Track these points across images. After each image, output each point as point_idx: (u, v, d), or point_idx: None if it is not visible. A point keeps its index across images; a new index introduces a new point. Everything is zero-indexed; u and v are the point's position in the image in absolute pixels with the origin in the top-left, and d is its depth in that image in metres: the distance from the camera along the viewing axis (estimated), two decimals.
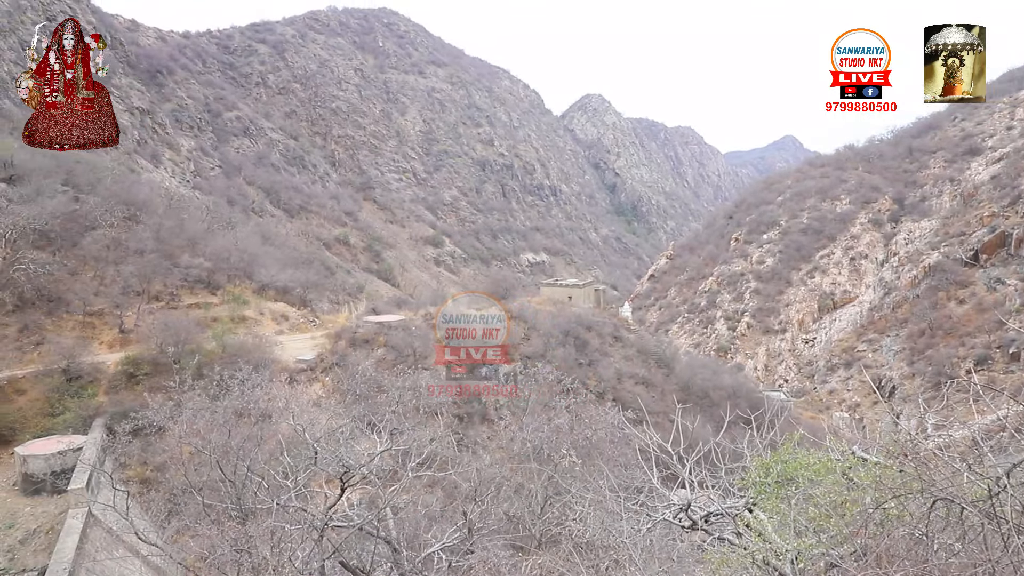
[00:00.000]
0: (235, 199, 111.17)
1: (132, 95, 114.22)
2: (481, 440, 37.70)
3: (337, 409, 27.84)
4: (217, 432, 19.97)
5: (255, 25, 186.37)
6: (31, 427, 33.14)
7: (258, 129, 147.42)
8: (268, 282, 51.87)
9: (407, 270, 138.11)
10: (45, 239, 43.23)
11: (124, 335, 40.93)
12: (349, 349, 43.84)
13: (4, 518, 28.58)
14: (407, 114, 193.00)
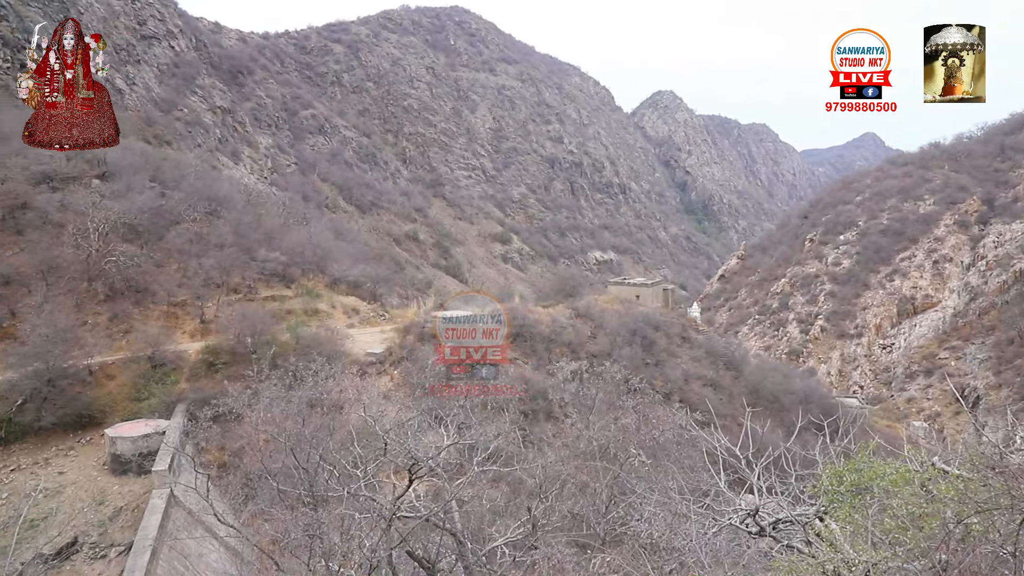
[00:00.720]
0: (310, 195, 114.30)
1: (214, 95, 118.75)
2: (546, 437, 37.80)
3: (406, 402, 28.39)
4: (291, 421, 20.68)
5: (331, 25, 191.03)
6: (119, 410, 34.93)
7: (332, 127, 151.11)
8: (340, 276, 53.17)
9: (475, 267, 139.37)
10: (134, 233, 45.41)
11: (204, 325, 42.65)
12: (417, 343, 44.55)
13: (95, 495, 30.27)
14: (477, 111, 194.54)
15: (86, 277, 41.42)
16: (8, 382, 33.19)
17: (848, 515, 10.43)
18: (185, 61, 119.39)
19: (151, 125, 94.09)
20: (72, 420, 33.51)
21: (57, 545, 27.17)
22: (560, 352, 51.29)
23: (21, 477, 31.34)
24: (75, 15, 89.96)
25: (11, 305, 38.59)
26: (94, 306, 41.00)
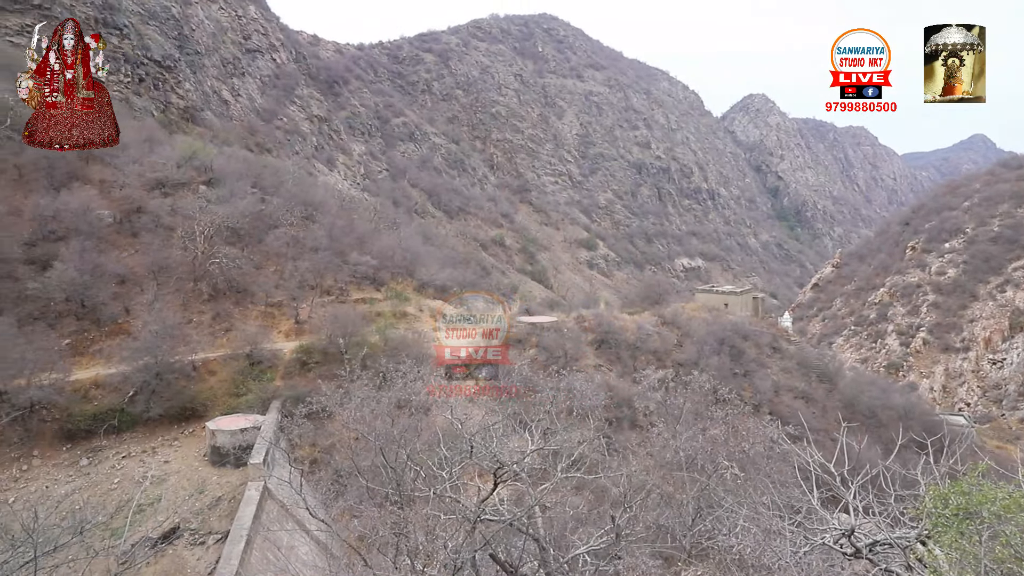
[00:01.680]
0: (400, 200, 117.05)
1: (312, 104, 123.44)
2: (630, 446, 37.36)
3: (492, 406, 28.64)
4: (381, 421, 21.19)
5: (422, 35, 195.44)
6: (219, 405, 36.69)
7: (422, 134, 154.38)
8: (428, 280, 54.19)
9: (560, 272, 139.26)
10: (236, 236, 47.67)
11: (299, 325, 44.28)
12: (502, 348, 44.92)
13: (196, 484, 31.85)
14: (564, 118, 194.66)
15: (192, 277, 43.77)
16: (121, 374, 35.40)
17: (954, 541, 9.85)
18: (285, 73, 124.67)
19: (253, 134, 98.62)
20: (177, 412, 35.42)
21: (162, 530, 28.72)
22: (645, 360, 50.65)
23: (131, 464, 33.32)
24: (187, 32, 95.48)
25: (125, 303, 41.16)
26: (199, 305, 43.27)
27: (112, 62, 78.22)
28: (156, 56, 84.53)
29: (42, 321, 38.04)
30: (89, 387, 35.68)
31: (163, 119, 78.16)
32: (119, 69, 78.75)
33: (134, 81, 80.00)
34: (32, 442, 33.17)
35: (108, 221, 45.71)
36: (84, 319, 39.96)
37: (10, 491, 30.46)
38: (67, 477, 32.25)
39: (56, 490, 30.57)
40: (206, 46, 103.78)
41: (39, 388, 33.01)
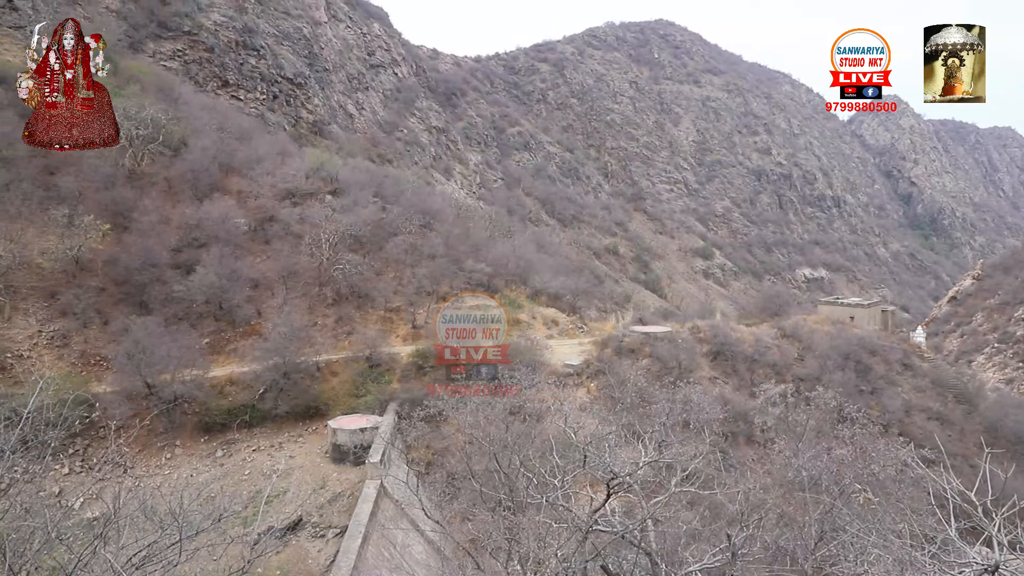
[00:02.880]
0: (514, 209, 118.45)
1: (431, 116, 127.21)
2: (747, 462, 36.08)
3: (604, 415, 28.46)
4: (495, 427, 21.50)
5: (538, 46, 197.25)
6: (340, 404, 38.36)
7: (537, 143, 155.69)
8: (541, 288, 54.51)
9: (674, 281, 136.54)
10: (358, 243, 49.79)
11: (415, 330, 45.63)
12: (615, 357, 44.50)
13: (318, 480, 33.39)
14: (680, 124, 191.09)
15: (317, 283, 46.06)
16: (253, 373, 37.71)
17: None
18: (406, 86, 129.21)
19: (375, 145, 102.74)
20: (302, 410, 37.34)
21: (286, 521, 30.30)
22: (763, 373, 48.81)
23: (260, 457, 35.38)
24: (317, 50, 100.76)
25: (258, 305, 43.85)
26: (323, 309, 45.48)
27: (249, 81, 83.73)
28: (288, 74, 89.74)
29: (185, 321, 41.15)
30: (225, 384, 38.23)
31: (294, 133, 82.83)
32: (256, 87, 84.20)
33: (268, 98, 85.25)
34: (175, 433, 35.88)
35: (244, 229, 48.90)
36: (221, 320, 42.85)
37: (157, 476, 33.07)
38: (204, 466, 34.64)
39: (195, 478, 32.90)
40: (333, 63, 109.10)
41: (182, 383, 35.68)
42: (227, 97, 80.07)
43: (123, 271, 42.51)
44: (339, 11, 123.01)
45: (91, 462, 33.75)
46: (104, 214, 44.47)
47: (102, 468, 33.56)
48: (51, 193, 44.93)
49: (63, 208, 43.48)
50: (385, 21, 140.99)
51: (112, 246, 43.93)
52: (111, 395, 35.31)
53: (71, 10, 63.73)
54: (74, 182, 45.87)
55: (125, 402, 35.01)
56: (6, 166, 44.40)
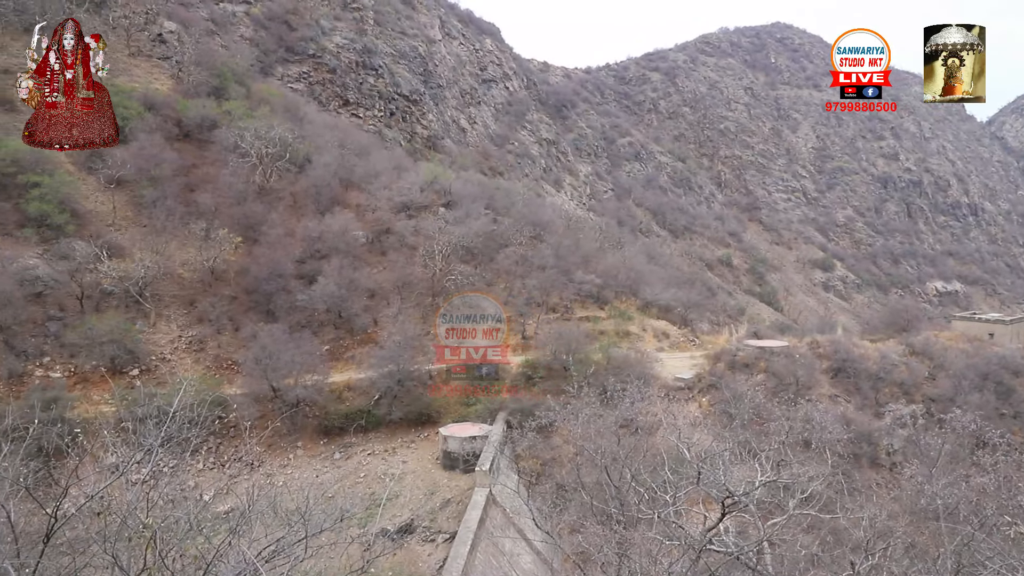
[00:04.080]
0: (624, 220, 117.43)
1: (541, 128, 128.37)
2: (872, 486, 34.10)
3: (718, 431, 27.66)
4: (606, 439, 21.34)
5: (649, 55, 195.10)
6: (451, 413, 39.19)
7: (648, 153, 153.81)
8: (651, 300, 53.74)
9: (792, 294, 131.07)
10: (470, 254, 50.82)
11: (525, 341, 46.00)
12: (728, 372, 43.22)
13: (429, 485, 34.20)
14: (799, 131, 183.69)
15: (431, 293, 47.33)
16: (369, 379, 39.16)
17: None
18: (517, 99, 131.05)
19: (487, 158, 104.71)
20: (414, 417, 38.42)
21: (398, 524, 31.19)
22: (889, 392, 45.96)
23: (375, 461, 36.64)
24: (431, 68, 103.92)
25: (374, 314, 45.54)
26: (436, 318, 46.66)
27: (368, 99, 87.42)
28: (405, 91, 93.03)
29: (307, 329, 43.29)
30: (343, 389, 39.90)
31: (409, 148, 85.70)
32: (374, 105, 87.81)
33: (386, 115, 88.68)
34: (297, 435, 37.76)
35: (362, 241, 50.99)
36: (340, 328, 44.79)
37: (281, 475, 34.90)
38: (324, 467, 36.24)
39: (317, 478, 34.48)
40: (447, 79, 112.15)
41: (304, 388, 37.56)
42: (347, 115, 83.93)
43: (252, 281, 45.30)
44: (452, 29, 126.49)
45: (223, 459, 36.05)
46: (236, 228, 47.62)
47: (232, 465, 35.78)
48: (191, 209, 48.54)
49: (201, 222, 46.89)
50: (497, 36, 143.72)
51: (243, 257, 46.95)
52: (240, 397, 37.68)
53: (210, 39, 68.82)
54: (211, 198, 49.41)
55: (253, 404, 37.27)
56: (154, 185, 48.39)
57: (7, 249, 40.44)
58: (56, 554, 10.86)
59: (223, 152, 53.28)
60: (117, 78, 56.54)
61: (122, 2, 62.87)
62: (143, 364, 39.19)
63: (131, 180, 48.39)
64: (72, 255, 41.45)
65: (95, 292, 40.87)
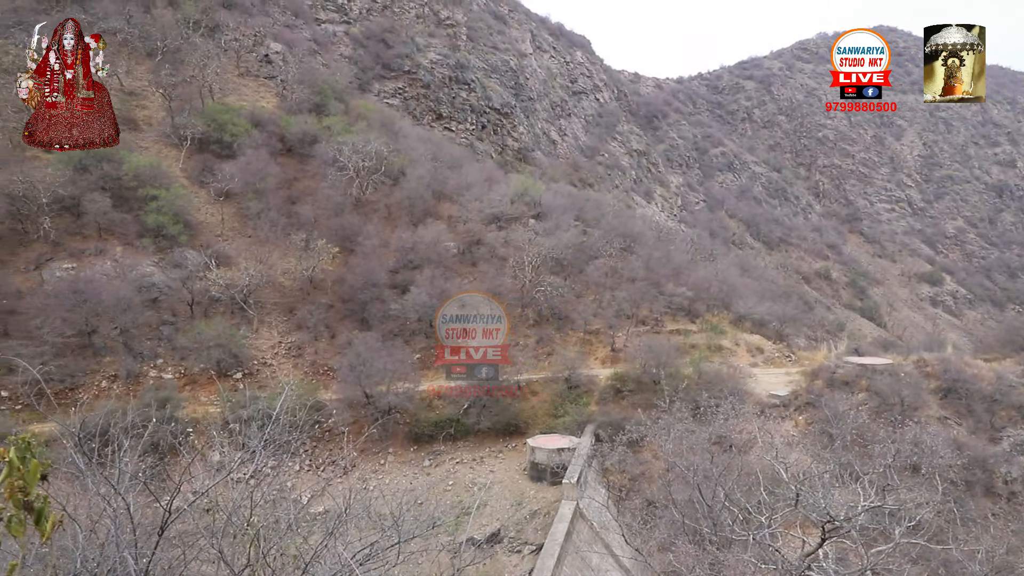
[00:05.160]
0: (716, 231, 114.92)
1: (632, 139, 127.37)
2: (987, 516, 31.92)
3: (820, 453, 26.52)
4: (699, 456, 20.87)
5: (743, 63, 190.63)
6: (539, 423, 39.27)
7: (742, 163, 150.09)
8: (745, 313, 52.26)
9: (896, 309, 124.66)
10: (559, 266, 50.87)
11: (614, 353, 45.59)
12: (826, 389, 41.43)
13: (516, 496, 34.33)
14: (904, 138, 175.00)
15: (520, 304, 47.63)
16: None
17: None
18: (607, 111, 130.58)
19: (577, 170, 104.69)
20: (502, 427, 38.69)
21: (485, 533, 31.42)
22: (1007, 416, 42.92)
23: (463, 470, 37.08)
24: (522, 81, 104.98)
25: None
26: (524, 329, 46.92)
27: (461, 113, 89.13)
28: (496, 104, 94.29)
29: (400, 337, 44.38)
30: (432, 397, 40.61)
31: (500, 160, 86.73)
32: (466, 119, 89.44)
33: (477, 128, 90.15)
34: (388, 441, 38.67)
35: (453, 252, 51.88)
36: (431, 337, 45.65)
37: (372, 480, 35.83)
38: (413, 474, 36.95)
39: (408, 485, 35.21)
40: (537, 92, 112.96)
41: (395, 395, 38.45)
42: (440, 129, 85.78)
43: (348, 290, 46.83)
44: (543, 42, 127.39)
45: (317, 462, 37.32)
46: (334, 238, 49.43)
47: (326, 468, 36.98)
48: (292, 220, 50.73)
49: (301, 233, 48.93)
50: (587, 49, 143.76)
51: (340, 267, 48.66)
52: (335, 402, 38.96)
53: (312, 59, 71.88)
54: (311, 210, 51.51)
55: (347, 409, 38.46)
56: (258, 197, 50.88)
57: (128, 258, 43.43)
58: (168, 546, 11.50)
59: (322, 166, 55.47)
60: (227, 97, 59.97)
61: (233, 26, 66.57)
62: (246, 368, 41.13)
63: (238, 193, 51.10)
64: (184, 264, 44.09)
65: (204, 299, 43.26)
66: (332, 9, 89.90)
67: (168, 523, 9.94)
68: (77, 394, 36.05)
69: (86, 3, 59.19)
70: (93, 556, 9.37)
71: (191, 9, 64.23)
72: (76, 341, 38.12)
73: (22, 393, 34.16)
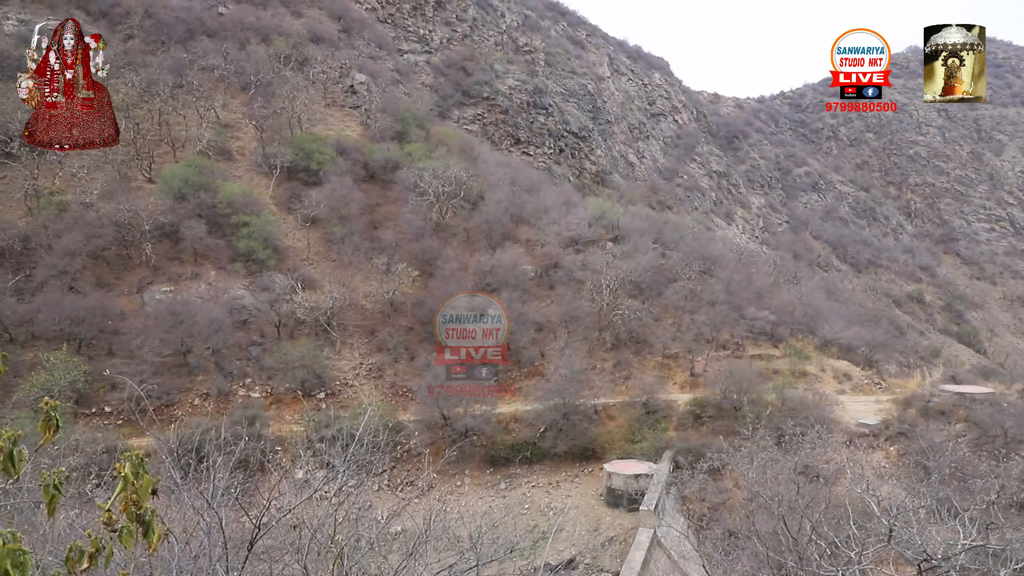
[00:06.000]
0: (801, 253, 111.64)
1: (711, 160, 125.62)
2: None
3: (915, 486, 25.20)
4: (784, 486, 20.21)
5: (827, 80, 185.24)
6: (616, 448, 38.83)
7: (827, 183, 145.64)
8: (831, 338, 50.43)
9: (997, 335, 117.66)
10: (637, 289, 50.45)
11: (693, 378, 44.74)
12: (920, 419, 39.43)
13: (592, 521, 34.01)
14: (1004, 153, 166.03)
15: (597, 327, 47.43)
16: (535, 412, 39.77)
17: None
18: (686, 132, 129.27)
19: (655, 192, 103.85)
20: (579, 451, 38.45)
21: (562, 559, 31.22)
22: None
23: (538, 493, 37.01)
24: (600, 104, 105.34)
25: (541, 347, 46.30)
26: (602, 353, 46.63)
27: (538, 137, 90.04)
28: (574, 128, 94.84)
29: None
30: (509, 420, 40.78)
31: (577, 183, 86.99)
32: (544, 143, 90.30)
33: (555, 152, 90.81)
34: (465, 463, 38.98)
35: (531, 275, 52.20)
36: (508, 360, 45.94)
37: (450, 501, 36.13)
38: (489, 496, 37.12)
39: (486, 507, 35.36)
40: (615, 115, 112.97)
41: (472, 417, 38.83)
42: (518, 153, 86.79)
43: (427, 313, 47.70)
44: (621, 65, 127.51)
45: (396, 481, 37.98)
46: (414, 262, 50.56)
47: (404, 488, 37.57)
48: (374, 244, 52.23)
49: (383, 257, 50.31)
50: (666, 70, 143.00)
51: (419, 290, 49.67)
52: (413, 423, 39.63)
53: (395, 88, 74.19)
54: (392, 235, 52.90)
55: (425, 431, 39.07)
56: (342, 223, 52.66)
57: (221, 281, 45.65)
58: (256, 560, 11.94)
59: (404, 191, 56.97)
60: (314, 127, 62.54)
61: (321, 59, 69.52)
62: (328, 388, 42.38)
63: (323, 219, 53.05)
64: (272, 287, 45.98)
65: (290, 320, 44.93)
66: (414, 40, 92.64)
67: (257, 538, 10.34)
68: (173, 410, 37.97)
69: (188, 44, 63.02)
70: (187, 567, 9.82)
71: (282, 45, 67.46)
72: (172, 360, 40.22)
73: (124, 408, 36.21)
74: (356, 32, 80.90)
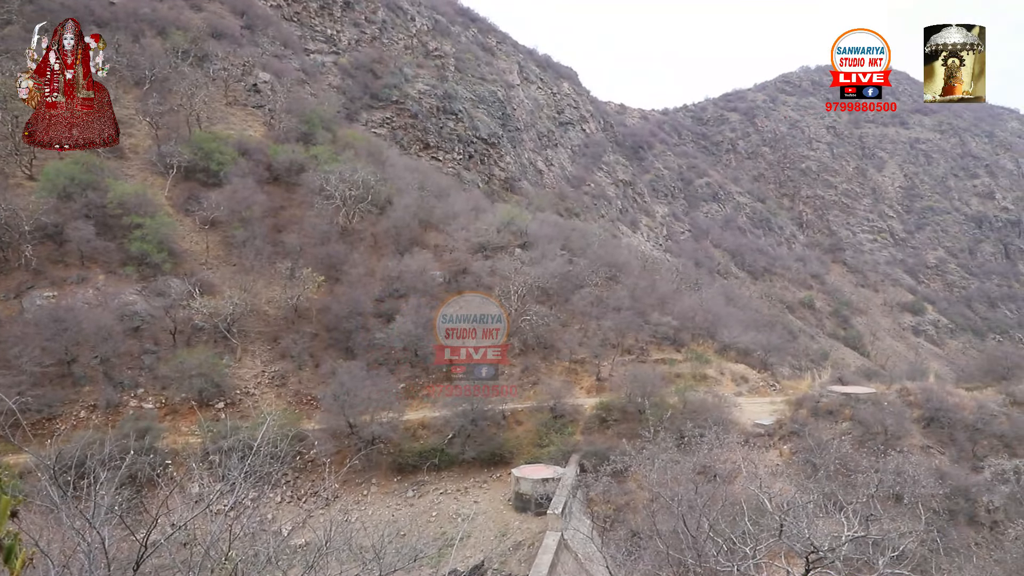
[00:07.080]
0: (702, 261, 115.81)
1: (618, 170, 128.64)
2: (970, 545, 31.95)
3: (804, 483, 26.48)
4: (683, 486, 20.80)
5: (727, 95, 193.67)
6: (524, 453, 39.02)
7: (726, 194, 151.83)
8: (730, 343, 52.48)
9: (878, 339, 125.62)
10: (545, 295, 50.98)
11: (599, 383, 45.56)
12: (810, 418, 41.52)
13: (500, 526, 34.03)
14: (885, 169, 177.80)
15: (506, 333, 47.58)
16: (443, 418, 39.48)
17: None
18: (594, 141, 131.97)
19: (563, 199, 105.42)
20: (487, 457, 38.42)
21: (469, 564, 31.09)
22: (988, 445, 43.14)
23: (447, 500, 36.75)
24: (509, 111, 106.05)
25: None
26: (510, 359, 46.80)
27: (448, 143, 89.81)
28: (483, 135, 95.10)
29: (384, 366, 44.14)
30: (417, 427, 40.33)
31: (487, 189, 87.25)
32: (453, 148, 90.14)
33: (464, 158, 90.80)
34: (371, 471, 38.28)
35: (439, 281, 51.87)
36: (416, 366, 45.51)
37: (355, 511, 35.38)
38: (397, 505, 36.55)
39: (391, 516, 34.80)
40: (524, 122, 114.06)
41: (379, 424, 38.14)
42: (428, 158, 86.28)
43: (333, 319, 46.65)
44: (531, 73, 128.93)
45: (299, 492, 36.87)
46: (320, 267, 49.31)
47: (308, 499, 36.52)
48: (278, 249, 50.63)
49: (287, 262, 48.79)
50: (574, 80, 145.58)
51: (325, 296, 48.48)
52: (318, 432, 38.56)
53: (300, 88, 72.34)
54: (296, 239, 51.44)
55: (330, 439, 38.08)
56: (244, 226, 50.78)
57: (110, 286, 43.09)
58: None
59: (309, 194, 55.52)
60: (215, 126, 60.10)
61: (222, 56, 66.99)
62: (228, 397, 40.71)
63: (224, 221, 50.95)
64: (168, 292, 43.77)
65: (187, 327, 42.91)
66: (321, 40, 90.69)
67: (144, 558, 9.79)
68: (55, 424, 35.53)
69: None
70: None
71: (180, 39, 64.57)
72: (55, 370, 37.64)
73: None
74: (260, 29, 78.45)
